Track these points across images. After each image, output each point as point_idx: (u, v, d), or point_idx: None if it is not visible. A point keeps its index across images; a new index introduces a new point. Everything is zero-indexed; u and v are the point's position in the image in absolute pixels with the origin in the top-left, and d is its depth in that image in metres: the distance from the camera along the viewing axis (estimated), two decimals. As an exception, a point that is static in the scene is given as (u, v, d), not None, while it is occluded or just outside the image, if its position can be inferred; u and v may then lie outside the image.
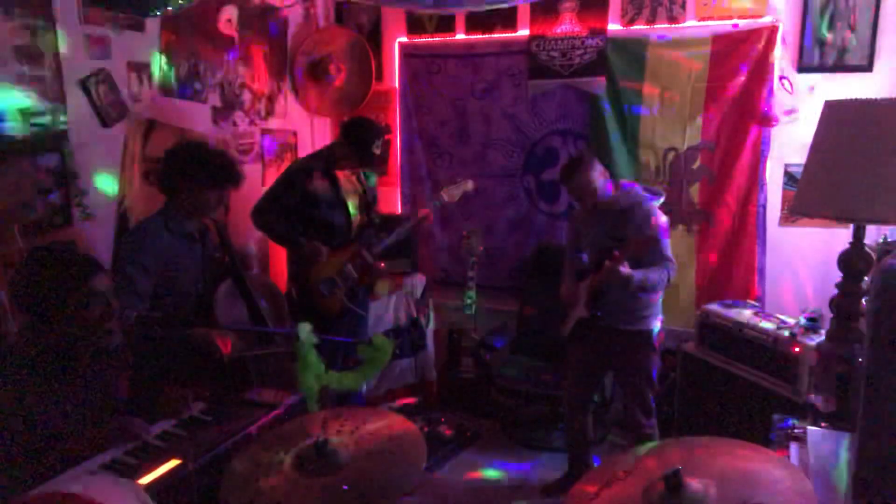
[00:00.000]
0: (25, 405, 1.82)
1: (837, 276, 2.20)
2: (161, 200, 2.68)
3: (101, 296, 1.93)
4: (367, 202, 3.58)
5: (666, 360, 3.38)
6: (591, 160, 2.96)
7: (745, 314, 3.22)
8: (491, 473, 3.53)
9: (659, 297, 2.99)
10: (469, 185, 3.72)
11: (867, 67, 3.36)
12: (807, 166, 2.18)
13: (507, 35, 4.09)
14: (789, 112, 3.50)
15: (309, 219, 3.35)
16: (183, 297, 2.56)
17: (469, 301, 3.85)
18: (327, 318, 3.31)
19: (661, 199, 2.99)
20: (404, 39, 4.37)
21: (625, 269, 2.69)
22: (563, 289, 3.11)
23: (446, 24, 4.24)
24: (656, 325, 3.00)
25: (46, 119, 2.77)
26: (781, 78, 3.50)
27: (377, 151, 3.38)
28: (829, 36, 3.40)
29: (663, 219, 2.92)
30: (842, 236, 2.35)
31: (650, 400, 3.03)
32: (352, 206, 3.47)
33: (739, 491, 1.33)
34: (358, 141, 3.31)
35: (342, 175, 3.44)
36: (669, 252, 2.88)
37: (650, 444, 1.83)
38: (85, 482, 1.63)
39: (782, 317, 3.16)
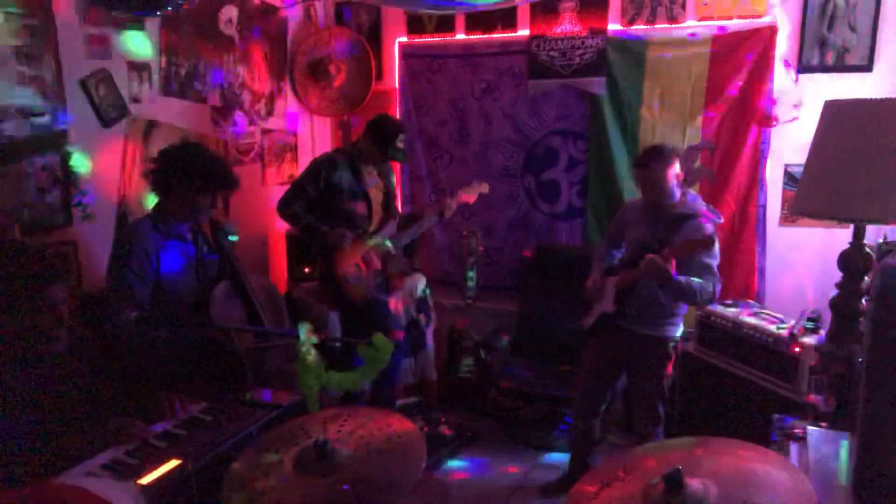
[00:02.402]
0: None
1: (837, 276, 2.20)
2: (161, 201, 2.67)
3: (55, 306, 1.89)
4: (389, 199, 3.71)
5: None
6: (672, 157, 2.83)
7: (745, 314, 3.22)
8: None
9: (684, 307, 2.91)
10: (485, 187, 3.90)
11: (867, 67, 3.36)
12: (807, 166, 2.17)
13: (507, 35, 4.08)
14: (796, 106, 3.48)
15: (331, 208, 3.46)
16: (178, 298, 2.55)
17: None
18: (354, 306, 3.48)
19: (719, 221, 2.89)
20: (404, 39, 4.37)
21: (671, 267, 2.62)
22: (589, 281, 3.06)
23: (446, 24, 4.24)
24: (676, 334, 2.94)
25: (46, 119, 2.78)
26: (786, 64, 3.48)
27: (401, 146, 3.57)
28: (829, 36, 3.41)
29: (713, 237, 2.78)
30: (842, 236, 2.35)
31: (659, 407, 2.98)
32: (373, 199, 3.59)
33: (739, 491, 1.33)
34: (382, 135, 3.49)
35: (366, 170, 3.56)
36: (716, 271, 2.77)
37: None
38: (82, 484, 1.63)
39: (782, 317, 3.16)
